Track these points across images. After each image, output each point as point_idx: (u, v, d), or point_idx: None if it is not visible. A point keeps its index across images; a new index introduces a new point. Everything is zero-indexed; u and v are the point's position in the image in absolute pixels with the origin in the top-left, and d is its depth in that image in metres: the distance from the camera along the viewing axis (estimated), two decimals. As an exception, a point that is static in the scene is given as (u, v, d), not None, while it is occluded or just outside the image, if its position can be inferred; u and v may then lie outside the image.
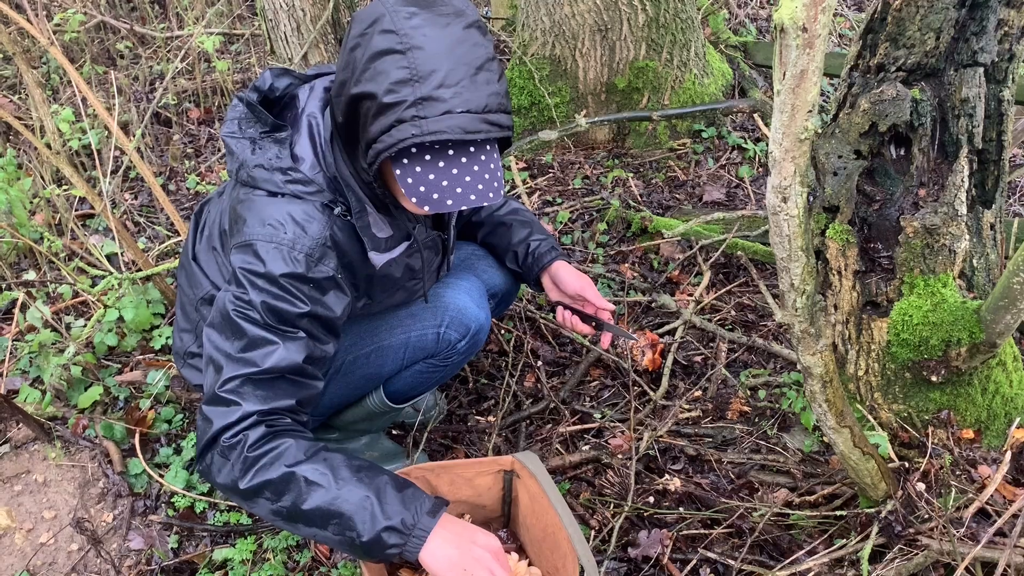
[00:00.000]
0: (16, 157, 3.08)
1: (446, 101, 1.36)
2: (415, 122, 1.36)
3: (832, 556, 1.75)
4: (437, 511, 1.44)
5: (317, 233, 1.52)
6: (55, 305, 2.66)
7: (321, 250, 1.52)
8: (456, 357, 1.92)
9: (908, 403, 1.92)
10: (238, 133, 1.59)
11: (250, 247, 1.50)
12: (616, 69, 3.31)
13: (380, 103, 1.37)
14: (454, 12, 1.41)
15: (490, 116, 1.40)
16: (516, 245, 2.08)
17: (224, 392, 1.46)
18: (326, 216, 1.54)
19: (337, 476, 1.42)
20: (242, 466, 1.43)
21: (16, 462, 2.12)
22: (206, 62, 4.10)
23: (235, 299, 1.50)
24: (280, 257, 1.49)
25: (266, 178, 1.54)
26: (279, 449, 1.44)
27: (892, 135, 1.87)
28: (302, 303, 1.51)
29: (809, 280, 1.40)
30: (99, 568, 1.96)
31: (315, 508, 1.41)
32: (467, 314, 1.89)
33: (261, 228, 1.50)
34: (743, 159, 3.36)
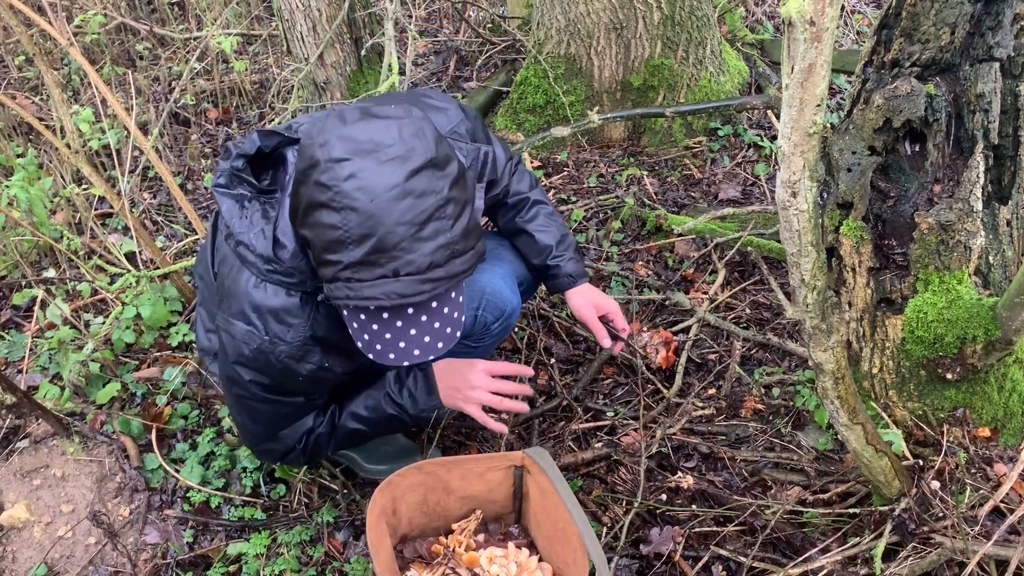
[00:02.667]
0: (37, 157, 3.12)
1: (382, 266, 1.31)
2: (350, 284, 1.33)
3: (845, 554, 1.74)
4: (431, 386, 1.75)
5: (296, 337, 1.53)
6: (74, 303, 2.70)
7: (302, 351, 1.55)
8: (488, 339, 1.96)
9: (923, 401, 1.91)
10: (228, 189, 1.54)
11: (235, 340, 1.56)
12: (631, 67, 3.31)
13: (319, 256, 1.36)
14: (399, 156, 1.31)
15: (434, 272, 1.33)
16: (538, 259, 2.06)
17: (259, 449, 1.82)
18: (310, 309, 1.53)
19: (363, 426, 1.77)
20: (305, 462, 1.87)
21: (35, 457, 2.15)
22: (224, 63, 4.13)
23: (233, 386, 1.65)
24: (265, 358, 1.56)
25: (251, 261, 1.51)
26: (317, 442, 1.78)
27: (906, 131, 1.86)
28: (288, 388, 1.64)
29: (820, 275, 1.39)
30: (116, 561, 1.99)
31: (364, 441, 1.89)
32: (502, 297, 1.92)
33: (245, 326, 1.54)
34: (759, 157, 3.35)
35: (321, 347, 1.57)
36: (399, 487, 1.70)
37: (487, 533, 1.81)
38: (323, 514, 2.04)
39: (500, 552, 1.71)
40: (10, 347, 2.52)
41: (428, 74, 4.14)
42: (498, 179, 1.97)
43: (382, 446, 2.13)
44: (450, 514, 1.81)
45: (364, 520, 2.03)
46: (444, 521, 1.81)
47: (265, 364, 1.56)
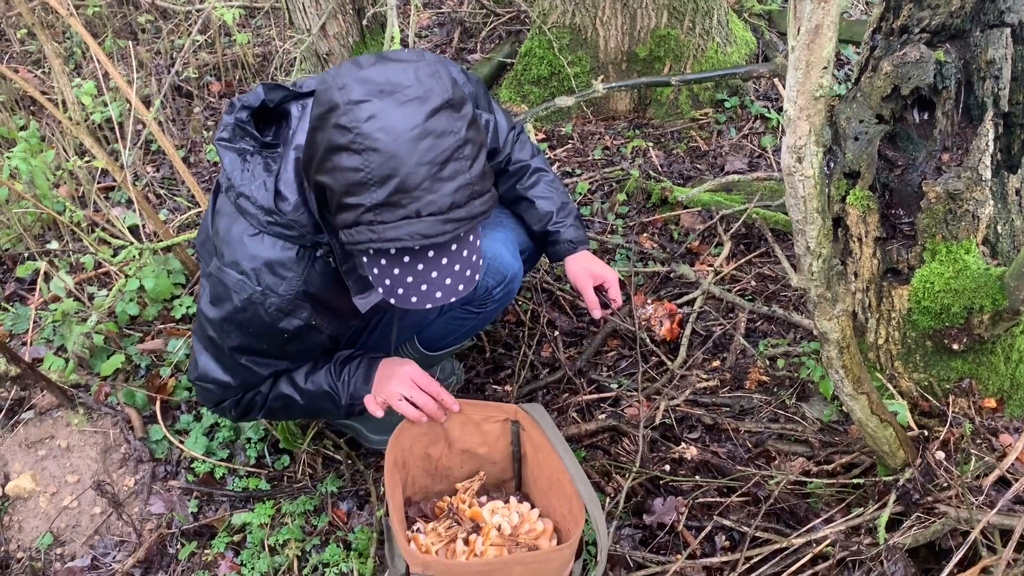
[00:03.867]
0: (39, 130, 3.11)
1: (404, 207, 1.29)
2: (373, 227, 1.31)
3: (849, 524, 1.74)
4: (369, 376, 1.73)
5: (288, 290, 1.52)
6: (78, 275, 2.69)
7: (292, 304, 1.54)
8: (491, 304, 1.96)
9: (929, 372, 1.90)
10: (231, 143, 1.54)
11: (226, 288, 1.55)
12: (637, 38, 3.27)
13: (339, 202, 1.33)
14: (417, 97, 1.30)
15: (456, 213, 1.32)
16: (536, 226, 2.06)
17: (201, 382, 1.72)
18: (305, 263, 1.52)
19: (297, 394, 1.73)
20: (235, 418, 1.79)
21: (40, 428, 2.15)
22: (226, 35, 4.10)
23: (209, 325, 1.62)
24: (252, 309, 1.54)
25: (251, 213, 1.50)
26: (252, 400, 1.74)
27: (915, 99, 1.83)
28: (270, 344, 1.61)
29: (825, 243, 1.38)
30: (121, 531, 2.00)
31: (302, 414, 1.82)
32: (503, 262, 1.91)
33: (236, 275, 1.53)
34: (766, 129, 3.31)
35: (312, 304, 1.56)
36: (407, 437, 1.75)
37: (489, 498, 1.82)
38: (327, 484, 2.05)
39: (502, 505, 1.73)
40: (14, 319, 2.52)
41: (432, 46, 4.11)
42: (500, 147, 1.96)
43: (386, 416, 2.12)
44: (452, 473, 1.82)
45: (368, 490, 2.05)
46: (447, 483, 1.82)
47: (252, 317, 1.54)
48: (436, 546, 1.64)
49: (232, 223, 1.55)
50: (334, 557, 1.90)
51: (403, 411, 1.71)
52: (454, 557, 1.64)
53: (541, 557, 1.57)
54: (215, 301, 1.58)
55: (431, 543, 1.65)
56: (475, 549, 1.63)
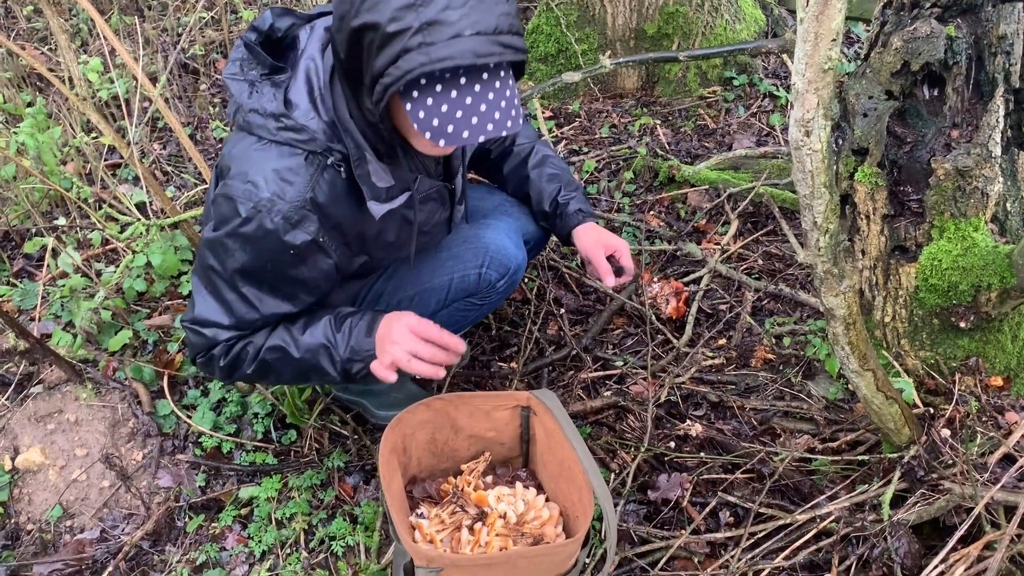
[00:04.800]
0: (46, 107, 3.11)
1: (454, 24, 1.27)
2: (422, 49, 1.27)
3: (853, 501, 1.74)
4: (372, 328, 1.63)
5: (296, 195, 1.48)
6: (85, 252, 2.70)
7: (300, 213, 1.49)
8: (494, 296, 1.94)
9: (935, 350, 1.89)
10: (239, 75, 1.54)
11: (231, 200, 1.50)
12: (645, 15, 3.25)
13: (384, 33, 1.29)
14: None
15: (502, 38, 1.30)
16: (544, 202, 2.05)
17: (195, 326, 1.64)
18: (313, 170, 1.49)
19: (293, 344, 1.63)
20: (222, 372, 1.68)
21: (49, 402, 2.17)
22: (233, 13, 4.08)
23: (210, 251, 1.56)
24: (257, 219, 1.48)
25: (260, 124, 1.49)
26: (244, 350, 1.64)
27: (925, 74, 1.81)
28: (274, 265, 1.54)
29: (832, 218, 1.37)
30: (129, 504, 2.01)
31: (293, 374, 1.68)
32: (506, 254, 1.89)
33: (242, 184, 1.48)
34: (775, 107, 3.29)
35: (319, 217, 1.51)
36: (409, 424, 1.71)
37: (495, 476, 1.82)
38: (334, 459, 2.06)
39: (508, 491, 1.73)
40: (23, 295, 2.53)
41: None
42: None
43: (392, 393, 2.13)
44: (458, 454, 1.82)
45: (374, 465, 2.06)
46: (452, 462, 1.82)
47: (257, 229, 1.49)
48: (440, 534, 1.64)
49: (238, 142, 1.53)
50: (340, 530, 1.91)
51: (416, 370, 1.60)
52: (459, 546, 1.63)
53: (547, 551, 1.56)
54: (219, 222, 1.52)
55: (435, 531, 1.64)
56: (480, 540, 1.62)
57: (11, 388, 2.24)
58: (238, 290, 1.58)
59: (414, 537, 1.63)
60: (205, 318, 1.62)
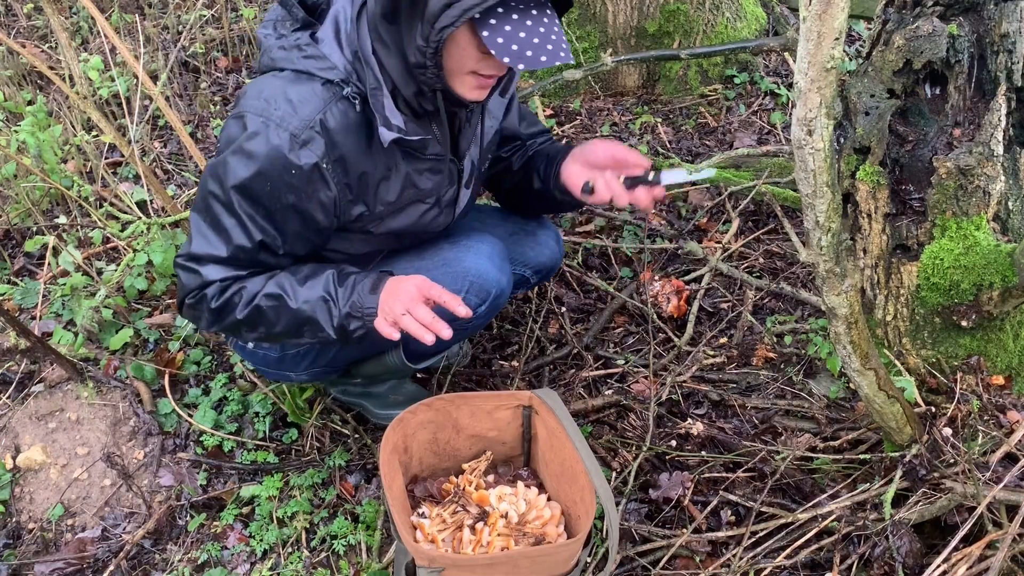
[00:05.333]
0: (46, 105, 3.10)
1: None
2: None
3: (854, 499, 1.74)
4: (378, 286, 1.60)
5: (308, 115, 1.50)
6: (86, 250, 2.70)
7: (308, 133, 1.50)
8: (476, 320, 1.89)
9: (937, 349, 1.89)
10: (271, 33, 1.59)
11: (241, 118, 1.52)
12: (646, 12, 3.24)
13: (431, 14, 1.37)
14: None
15: None
16: (536, 165, 1.95)
17: (189, 262, 1.61)
18: (328, 96, 1.51)
19: (292, 293, 1.60)
20: (211, 316, 1.63)
21: (50, 401, 2.17)
22: (233, 11, 4.08)
23: (212, 177, 1.55)
24: (265, 133, 1.49)
25: (283, 57, 1.53)
26: (238, 293, 1.61)
27: (927, 73, 1.81)
28: (273, 187, 1.52)
29: (834, 217, 1.37)
30: (131, 503, 2.02)
31: (285, 325, 1.63)
32: (487, 279, 1.82)
33: (256, 101, 1.51)
34: (776, 105, 3.29)
35: (327, 142, 1.52)
36: (410, 424, 1.71)
37: (496, 475, 1.82)
38: (335, 458, 2.06)
39: (510, 490, 1.73)
40: (24, 293, 2.53)
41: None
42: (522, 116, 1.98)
43: (391, 394, 2.13)
44: (460, 454, 1.82)
45: (375, 464, 2.06)
46: (454, 461, 1.82)
47: (263, 143, 1.49)
48: (442, 534, 1.64)
49: (255, 80, 1.58)
50: (342, 529, 1.91)
51: (407, 327, 1.56)
52: (460, 546, 1.63)
53: (548, 551, 1.56)
54: (225, 143, 1.54)
55: (436, 531, 1.64)
56: (481, 539, 1.62)
57: (12, 387, 2.24)
58: (236, 213, 1.55)
59: (416, 537, 1.63)
60: (201, 252, 1.59)
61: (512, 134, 1.99)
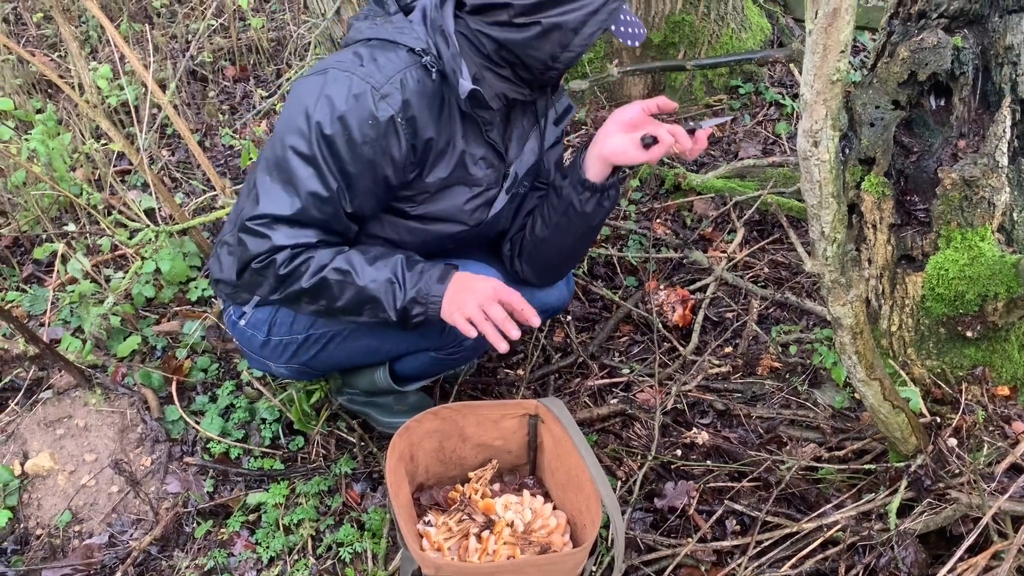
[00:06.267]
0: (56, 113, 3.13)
1: None
2: None
3: (860, 509, 1.74)
4: (446, 277, 1.63)
5: (391, 72, 1.57)
6: (95, 258, 2.72)
7: (387, 87, 1.56)
8: (463, 352, 1.90)
9: (942, 359, 1.90)
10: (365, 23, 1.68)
11: (323, 73, 1.59)
12: (652, 23, 3.26)
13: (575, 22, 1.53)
14: None
15: None
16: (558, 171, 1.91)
17: (256, 225, 1.60)
18: (409, 62, 1.59)
19: (360, 270, 1.61)
20: (275, 282, 1.63)
21: (58, 407, 2.18)
22: (241, 20, 4.11)
23: (290, 125, 1.59)
24: (348, 83, 1.56)
25: (373, 30, 1.62)
26: (306, 263, 1.61)
27: (932, 84, 1.82)
28: (349, 136, 1.57)
29: (840, 228, 1.38)
30: (138, 509, 2.02)
31: (348, 301, 1.64)
32: None
33: (340, 59, 1.59)
34: (780, 115, 3.30)
35: (403, 100, 1.58)
36: (416, 432, 1.71)
37: (502, 483, 1.83)
38: (341, 465, 2.07)
39: (515, 499, 1.73)
40: (32, 300, 2.55)
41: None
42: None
43: (395, 404, 2.13)
44: (466, 463, 1.82)
45: (381, 472, 2.06)
46: (460, 470, 1.83)
47: (345, 91, 1.56)
48: (448, 542, 1.65)
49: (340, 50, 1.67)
50: (348, 537, 1.92)
51: (486, 331, 1.57)
52: (466, 554, 1.63)
53: (555, 559, 1.56)
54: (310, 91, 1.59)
55: (443, 539, 1.65)
56: (487, 548, 1.62)
57: (21, 393, 2.26)
58: (313, 159, 1.58)
59: (422, 545, 1.63)
60: (269, 211, 1.60)
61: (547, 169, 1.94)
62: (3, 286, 2.68)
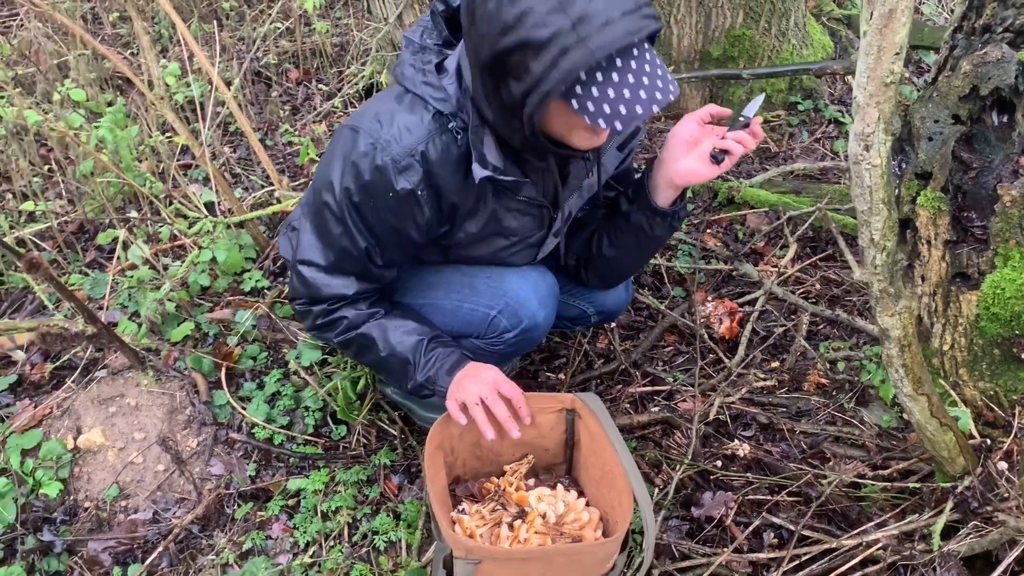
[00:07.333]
0: (125, 107, 3.23)
1: (602, 11, 1.30)
2: (580, 45, 1.29)
3: (902, 529, 1.71)
4: (455, 368, 1.73)
5: (410, 144, 1.56)
6: (154, 246, 2.80)
7: (408, 160, 1.56)
8: (503, 347, 1.89)
9: (995, 381, 1.85)
10: (416, 39, 1.64)
11: (356, 131, 1.61)
12: (711, 37, 3.25)
13: (536, 44, 1.31)
14: None
15: (644, 10, 1.34)
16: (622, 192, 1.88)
17: (302, 268, 1.75)
18: (434, 128, 1.57)
19: (382, 344, 1.76)
20: (309, 327, 1.82)
21: (112, 386, 2.25)
22: (306, 24, 4.20)
23: (326, 182, 1.65)
24: (372, 154, 1.57)
25: (410, 76, 1.60)
26: (340, 321, 1.77)
27: (995, 99, 1.78)
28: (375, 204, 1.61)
29: (890, 235, 1.36)
30: (182, 488, 2.07)
31: (371, 362, 1.84)
32: (524, 306, 1.82)
33: (371, 121, 1.60)
34: (839, 133, 3.26)
35: (425, 171, 1.57)
36: (456, 424, 1.73)
37: (537, 480, 1.83)
38: (380, 456, 2.09)
39: (549, 492, 1.73)
40: (93, 284, 2.64)
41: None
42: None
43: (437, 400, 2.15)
44: (502, 459, 1.83)
45: (419, 465, 2.08)
46: (496, 466, 1.84)
47: (369, 163, 1.58)
48: (480, 529, 1.66)
49: (388, 90, 1.66)
50: (384, 526, 1.94)
51: (476, 416, 1.67)
52: (498, 542, 1.64)
53: (585, 549, 1.56)
54: (341, 151, 1.63)
55: (475, 526, 1.66)
56: (519, 536, 1.63)
57: (77, 372, 2.33)
58: (343, 220, 1.65)
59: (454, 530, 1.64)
60: (309, 258, 1.73)
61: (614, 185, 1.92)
62: (67, 270, 2.77)
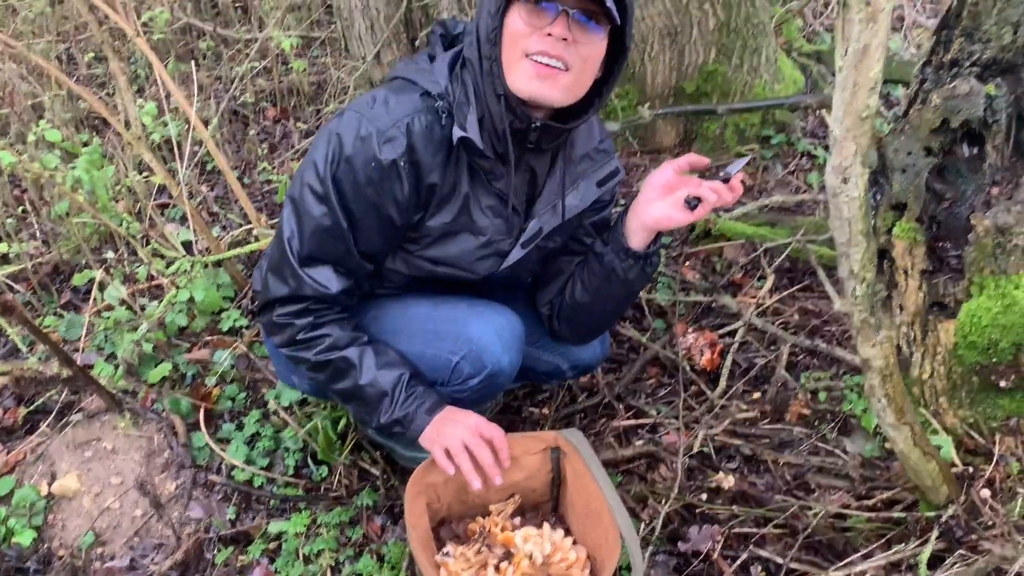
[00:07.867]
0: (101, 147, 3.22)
1: None
2: None
3: (889, 559, 1.71)
4: (435, 410, 1.71)
5: (397, 116, 1.60)
6: (131, 287, 2.77)
7: (392, 131, 1.59)
8: (468, 393, 1.81)
9: (975, 409, 1.86)
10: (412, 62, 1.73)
11: (342, 114, 1.66)
12: (684, 73, 3.30)
13: None
14: None
15: None
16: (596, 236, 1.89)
17: (279, 268, 1.71)
18: (421, 107, 1.61)
19: (363, 371, 1.71)
20: (288, 341, 1.74)
21: (88, 430, 2.21)
22: (283, 64, 4.22)
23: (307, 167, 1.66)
24: (357, 125, 1.61)
25: (402, 67, 1.69)
26: (322, 339, 1.71)
27: (965, 132, 1.82)
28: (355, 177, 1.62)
29: (869, 266, 1.38)
30: (160, 533, 2.03)
31: (341, 389, 1.75)
32: (488, 352, 1.76)
33: (359, 102, 1.65)
34: (812, 166, 3.31)
35: (408, 144, 1.60)
36: (439, 473, 1.70)
37: (523, 519, 1.81)
38: (363, 497, 2.07)
39: (535, 531, 1.71)
40: (69, 326, 2.60)
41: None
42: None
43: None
44: (489, 502, 1.81)
45: (402, 505, 2.05)
46: (482, 508, 1.81)
47: (352, 133, 1.61)
48: (465, 572, 1.63)
49: None
50: (367, 568, 1.91)
51: (462, 466, 1.65)
52: None
53: None
54: (328, 128, 1.65)
55: (460, 569, 1.63)
56: None
57: (52, 415, 2.29)
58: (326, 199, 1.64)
59: (439, 575, 1.62)
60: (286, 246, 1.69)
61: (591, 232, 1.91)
62: (42, 312, 2.74)
